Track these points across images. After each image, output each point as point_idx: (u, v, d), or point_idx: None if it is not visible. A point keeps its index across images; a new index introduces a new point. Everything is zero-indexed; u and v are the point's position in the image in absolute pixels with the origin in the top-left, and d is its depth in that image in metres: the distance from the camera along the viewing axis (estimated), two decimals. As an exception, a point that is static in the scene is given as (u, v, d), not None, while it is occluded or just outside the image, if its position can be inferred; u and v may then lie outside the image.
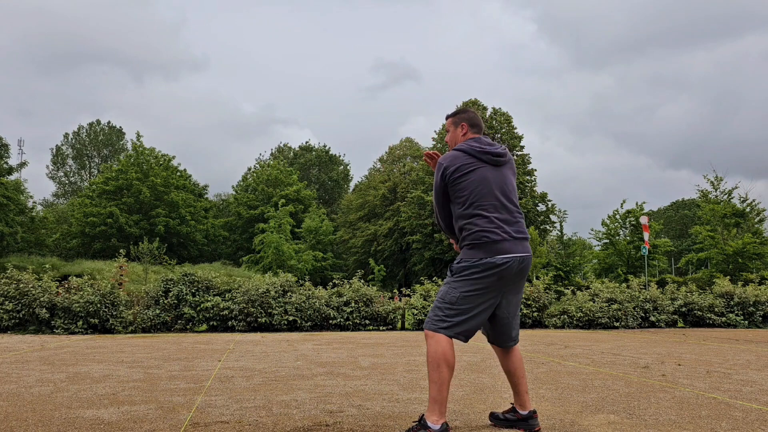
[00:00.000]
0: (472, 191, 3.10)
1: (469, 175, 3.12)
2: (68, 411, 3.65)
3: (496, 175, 3.16)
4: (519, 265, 3.08)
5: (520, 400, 3.23)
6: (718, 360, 6.64)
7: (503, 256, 3.03)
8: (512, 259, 3.05)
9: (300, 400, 4.04)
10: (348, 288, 12.47)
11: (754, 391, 4.50)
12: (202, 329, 11.63)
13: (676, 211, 66.85)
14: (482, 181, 3.11)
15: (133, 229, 37.30)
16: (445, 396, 2.96)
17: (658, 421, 3.43)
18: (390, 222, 44.87)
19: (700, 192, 27.77)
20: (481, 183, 3.11)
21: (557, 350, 7.73)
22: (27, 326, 10.95)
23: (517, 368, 3.26)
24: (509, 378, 3.29)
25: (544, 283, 13.64)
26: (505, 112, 42.52)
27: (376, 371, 5.57)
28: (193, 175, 48.29)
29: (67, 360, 6.43)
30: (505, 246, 3.05)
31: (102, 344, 8.54)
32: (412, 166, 48.69)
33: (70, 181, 62.88)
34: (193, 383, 4.80)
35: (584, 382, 4.88)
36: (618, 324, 12.78)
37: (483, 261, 3.03)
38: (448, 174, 3.15)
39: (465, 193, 3.12)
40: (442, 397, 2.94)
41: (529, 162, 42.11)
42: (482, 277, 3.04)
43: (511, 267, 3.05)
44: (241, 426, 3.27)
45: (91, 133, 62.68)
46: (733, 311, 13.68)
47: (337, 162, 63.41)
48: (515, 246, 3.08)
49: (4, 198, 31.92)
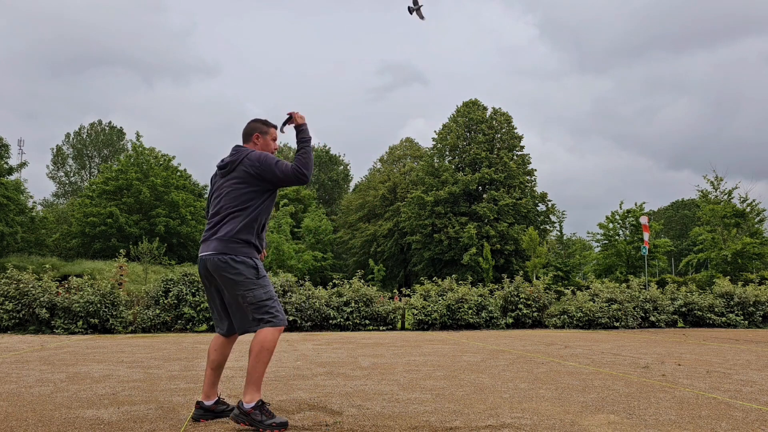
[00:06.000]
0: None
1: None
2: (68, 411, 3.64)
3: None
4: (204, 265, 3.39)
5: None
6: (718, 360, 6.64)
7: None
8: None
9: (300, 400, 4.04)
10: (348, 288, 12.46)
11: (754, 391, 4.50)
12: (202, 329, 11.63)
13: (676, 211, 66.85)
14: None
15: (133, 229, 37.28)
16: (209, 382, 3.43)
17: (658, 421, 3.43)
18: (390, 222, 44.85)
19: (700, 192, 27.77)
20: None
21: (557, 350, 7.73)
22: (27, 326, 10.94)
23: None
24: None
25: (544, 283, 13.64)
26: (505, 113, 42.51)
27: (376, 371, 5.57)
28: (194, 176, 48.37)
29: (67, 360, 6.43)
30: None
31: (102, 344, 8.54)
32: (412, 166, 48.70)
33: (71, 181, 62.89)
34: (193, 383, 4.80)
35: (584, 382, 4.88)
36: (618, 324, 12.78)
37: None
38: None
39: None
40: (205, 382, 3.46)
41: (529, 162, 42.12)
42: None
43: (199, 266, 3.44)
44: (241, 426, 3.27)
45: (91, 133, 62.68)
46: (733, 311, 13.67)
47: (337, 162, 63.42)
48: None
49: (4, 198, 31.91)
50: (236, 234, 3.32)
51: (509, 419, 3.46)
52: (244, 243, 3.34)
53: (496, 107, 42.76)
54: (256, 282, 3.31)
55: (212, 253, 3.32)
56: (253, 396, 3.19)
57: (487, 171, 39.60)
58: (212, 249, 3.33)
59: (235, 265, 3.28)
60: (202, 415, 3.40)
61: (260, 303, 3.29)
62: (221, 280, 3.32)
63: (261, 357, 3.19)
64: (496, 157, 40.64)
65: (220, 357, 3.48)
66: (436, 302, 12.47)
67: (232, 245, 3.31)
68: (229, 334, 3.49)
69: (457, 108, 43.26)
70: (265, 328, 3.26)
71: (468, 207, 40.20)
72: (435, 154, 43.28)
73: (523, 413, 3.63)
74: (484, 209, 38.27)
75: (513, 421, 3.40)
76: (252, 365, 3.20)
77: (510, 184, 40.24)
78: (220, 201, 3.42)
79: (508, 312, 12.86)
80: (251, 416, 3.16)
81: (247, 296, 3.28)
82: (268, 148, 3.59)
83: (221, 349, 3.48)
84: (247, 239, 3.35)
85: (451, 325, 12.31)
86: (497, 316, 12.53)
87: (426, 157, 44.24)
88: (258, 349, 3.20)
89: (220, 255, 3.29)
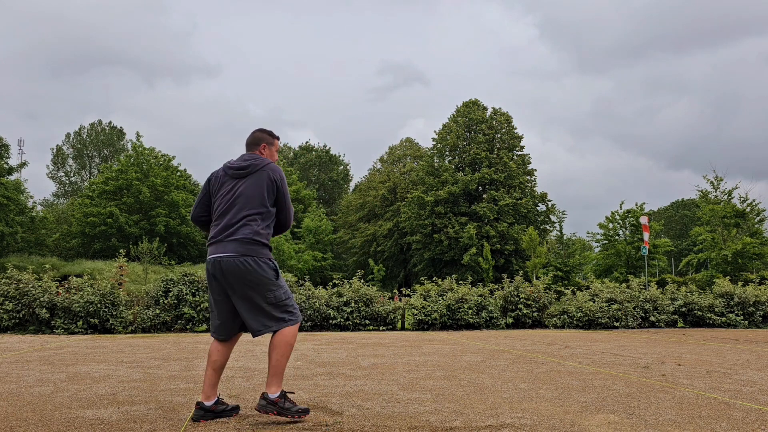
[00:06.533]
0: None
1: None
2: (68, 411, 3.64)
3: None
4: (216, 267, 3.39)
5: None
6: (718, 360, 6.64)
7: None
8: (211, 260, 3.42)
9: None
10: (348, 288, 12.46)
11: (754, 391, 4.50)
12: (202, 329, 11.63)
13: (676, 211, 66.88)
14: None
15: (133, 229, 37.28)
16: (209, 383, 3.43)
17: (658, 421, 3.43)
18: (390, 222, 44.83)
19: (700, 192, 27.76)
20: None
21: (557, 350, 7.73)
22: (27, 326, 10.94)
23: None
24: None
25: (544, 283, 13.64)
26: (505, 113, 42.49)
27: (376, 371, 5.57)
28: (194, 176, 48.34)
29: (67, 360, 6.43)
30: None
31: (102, 344, 8.54)
32: (412, 166, 48.69)
33: (71, 181, 62.89)
34: (193, 383, 4.80)
35: (584, 382, 4.88)
36: (618, 324, 12.78)
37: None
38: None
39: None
40: (205, 383, 3.44)
41: (529, 162, 42.11)
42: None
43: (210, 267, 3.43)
44: (241, 426, 3.27)
45: (91, 133, 62.68)
46: (733, 311, 13.67)
47: (337, 162, 63.40)
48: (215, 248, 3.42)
49: (4, 198, 31.90)
50: (257, 236, 3.36)
51: (509, 419, 3.46)
52: (263, 245, 3.39)
53: (496, 107, 42.77)
54: (276, 283, 3.39)
55: (231, 255, 3.31)
56: (277, 387, 3.35)
57: (487, 171, 39.60)
58: (230, 251, 3.33)
59: (257, 267, 3.33)
60: (203, 416, 3.41)
61: (281, 303, 3.39)
62: (239, 281, 3.33)
63: (285, 352, 3.36)
64: (496, 157, 40.63)
65: (221, 358, 3.50)
66: (436, 302, 12.47)
67: (252, 247, 3.35)
68: (229, 339, 3.51)
69: (457, 108, 43.26)
70: (287, 327, 3.39)
71: (468, 207, 40.19)
72: (435, 154, 43.27)
73: (523, 413, 3.63)
74: (484, 209, 38.27)
75: (513, 421, 3.40)
76: (276, 360, 3.35)
77: (510, 184, 40.23)
78: (235, 202, 3.42)
79: (508, 312, 12.86)
80: (278, 405, 3.31)
81: (269, 297, 3.36)
82: (273, 159, 3.68)
83: (223, 350, 3.50)
84: (265, 241, 3.41)
85: (451, 325, 12.31)
86: (497, 316, 12.53)
87: (426, 157, 44.23)
88: (282, 346, 3.35)
89: (242, 257, 3.31)
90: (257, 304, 3.35)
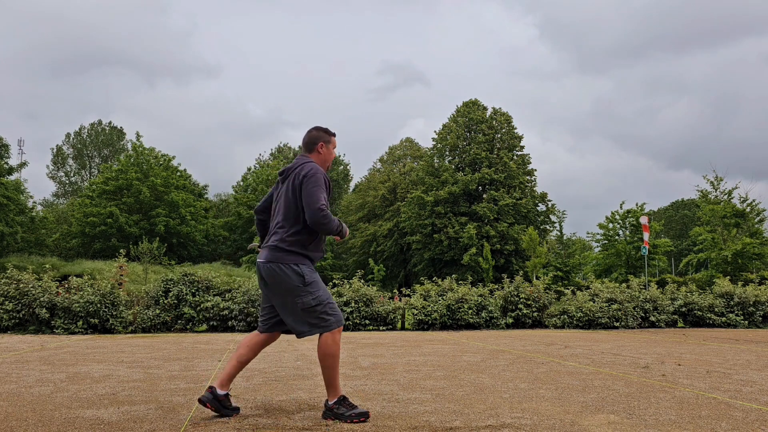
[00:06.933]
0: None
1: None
2: (68, 411, 3.64)
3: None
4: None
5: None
6: (718, 360, 6.64)
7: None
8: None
9: (300, 400, 4.04)
10: (348, 288, 12.46)
11: (754, 391, 4.50)
12: (202, 329, 11.63)
13: (676, 211, 66.89)
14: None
15: (133, 229, 37.28)
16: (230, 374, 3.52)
17: (658, 421, 3.43)
18: (390, 223, 44.83)
19: (700, 192, 27.74)
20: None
21: (557, 350, 7.73)
22: (27, 326, 10.94)
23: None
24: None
25: (544, 283, 13.64)
26: (505, 113, 42.49)
27: (376, 371, 5.57)
28: (195, 176, 48.45)
29: (67, 360, 6.43)
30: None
31: (102, 344, 8.54)
32: (411, 166, 48.68)
33: (71, 181, 62.88)
34: (193, 383, 4.80)
35: (584, 382, 4.88)
36: (618, 324, 12.78)
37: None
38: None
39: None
40: (224, 371, 3.54)
41: (529, 162, 42.11)
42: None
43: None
44: (241, 426, 3.27)
45: (91, 133, 62.67)
46: (733, 311, 13.67)
47: (337, 162, 63.36)
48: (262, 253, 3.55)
49: (4, 198, 31.90)
50: (282, 243, 3.45)
51: (509, 419, 3.46)
52: (288, 252, 3.44)
53: (496, 107, 42.75)
54: (304, 289, 3.41)
55: (263, 261, 3.49)
56: (333, 395, 3.46)
57: (487, 171, 39.59)
58: (264, 257, 3.49)
59: (281, 273, 3.42)
60: (210, 400, 3.44)
61: (309, 309, 3.42)
62: (270, 287, 3.49)
63: (327, 363, 3.44)
64: (496, 157, 40.62)
65: (250, 353, 3.58)
66: (436, 302, 12.47)
67: (278, 254, 3.45)
68: (267, 331, 3.63)
69: (457, 108, 43.25)
70: (324, 335, 3.44)
71: (468, 207, 40.18)
72: (435, 154, 43.25)
73: (523, 413, 3.63)
74: (484, 209, 38.26)
75: (513, 421, 3.40)
76: (324, 372, 3.46)
77: (510, 184, 40.22)
78: (276, 207, 3.59)
79: (508, 312, 12.86)
80: (334, 411, 3.42)
81: (297, 303, 3.42)
82: (330, 157, 3.72)
83: (254, 347, 3.60)
84: (291, 248, 3.44)
85: (451, 325, 12.31)
86: (497, 316, 12.53)
87: (426, 157, 44.21)
88: (323, 359, 3.44)
89: (269, 263, 3.45)
90: (290, 308, 3.45)
